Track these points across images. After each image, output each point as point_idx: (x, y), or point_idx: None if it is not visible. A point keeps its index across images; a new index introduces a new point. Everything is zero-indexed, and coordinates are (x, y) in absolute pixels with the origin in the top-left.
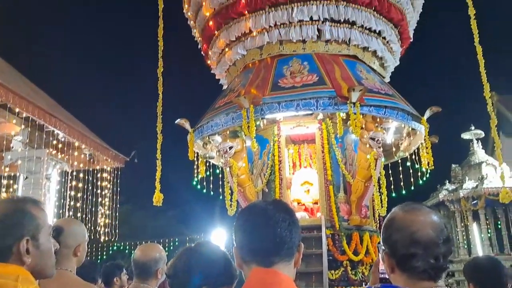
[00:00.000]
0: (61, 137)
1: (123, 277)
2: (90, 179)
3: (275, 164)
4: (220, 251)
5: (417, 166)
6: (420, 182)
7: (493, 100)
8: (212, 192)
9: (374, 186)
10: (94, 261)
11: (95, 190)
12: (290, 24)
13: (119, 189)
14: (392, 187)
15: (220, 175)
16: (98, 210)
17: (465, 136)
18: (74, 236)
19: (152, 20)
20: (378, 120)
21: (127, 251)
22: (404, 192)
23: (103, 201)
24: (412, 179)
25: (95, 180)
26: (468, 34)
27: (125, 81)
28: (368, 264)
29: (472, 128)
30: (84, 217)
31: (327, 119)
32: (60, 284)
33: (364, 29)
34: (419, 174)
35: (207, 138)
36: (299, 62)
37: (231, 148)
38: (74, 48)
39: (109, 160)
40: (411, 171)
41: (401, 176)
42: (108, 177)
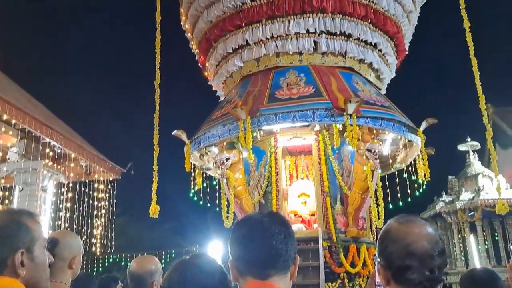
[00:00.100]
0: (57, 148)
1: None
2: (86, 190)
3: (272, 176)
4: (215, 263)
5: (413, 178)
6: (417, 193)
7: (488, 112)
8: (208, 204)
9: (371, 197)
10: (89, 273)
11: (91, 202)
12: (286, 36)
13: (115, 200)
14: (389, 198)
15: (217, 187)
16: (94, 222)
17: (461, 147)
18: (69, 248)
19: (150, 32)
20: (375, 131)
21: (123, 263)
22: (401, 203)
23: (99, 213)
24: (409, 191)
25: (91, 192)
26: (464, 46)
27: (122, 92)
28: (365, 277)
29: (468, 139)
30: (80, 229)
31: (324, 130)
32: None
33: (360, 41)
34: (415, 186)
35: (204, 150)
36: (295, 74)
37: (227, 159)
38: (71, 59)
39: (105, 171)
40: (407, 182)
41: (398, 187)
42: (105, 188)
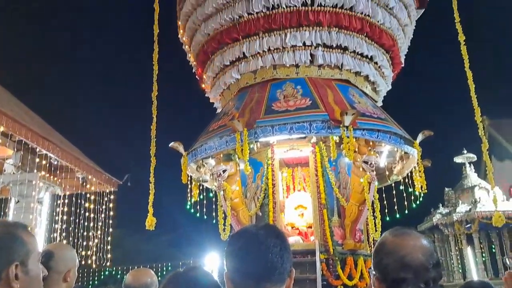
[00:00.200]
0: (53, 160)
1: None
2: (82, 202)
3: (269, 188)
4: (210, 276)
5: (410, 190)
6: (414, 205)
7: (484, 124)
8: (205, 216)
9: (368, 209)
10: (85, 286)
11: (87, 214)
12: (283, 49)
13: (111, 213)
14: (386, 210)
15: (214, 199)
16: (90, 234)
17: (457, 159)
18: (64, 261)
19: (147, 44)
20: (371, 143)
21: (119, 276)
22: (398, 215)
23: (96, 225)
24: (406, 203)
25: (87, 204)
26: (460, 58)
27: (119, 104)
28: None
29: (465, 152)
30: (76, 241)
31: (321, 142)
32: None
33: (356, 54)
34: (412, 198)
35: (201, 162)
36: (292, 86)
37: (224, 171)
38: (68, 71)
39: (102, 183)
40: (404, 194)
41: (395, 199)
42: (101, 200)
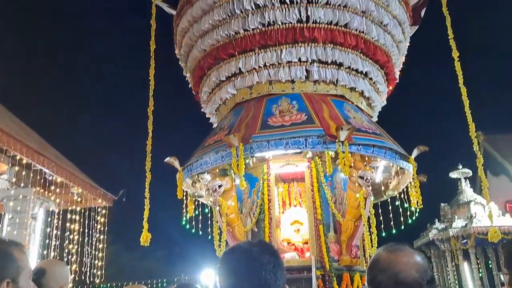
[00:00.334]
0: (48, 175)
1: None
2: (77, 218)
3: (265, 203)
4: None
5: (406, 205)
6: (410, 221)
7: (479, 139)
8: (200, 232)
9: (364, 225)
10: None
11: (81, 230)
12: (279, 64)
13: (106, 228)
14: (382, 226)
15: (209, 215)
16: (84, 250)
17: (453, 175)
18: (56, 278)
19: (143, 58)
20: (367, 159)
21: None
22: (394, 231)
23: (90, 241)
24: (402, 218)
25: (82, 220)
26: (454, 75)
27: (114, 119)
28: None
29: (460, 167)
30: (70, 257)
31: (316, 157)
32: None
33: (351, 70)
34: (408, 213)
35: (196, 177)
36: (288, 101)
37: (220, 186)
38: (64, 87)
39: (97, 199)
40: (400, 210)
41: (391, 215)
42: (96, 216)
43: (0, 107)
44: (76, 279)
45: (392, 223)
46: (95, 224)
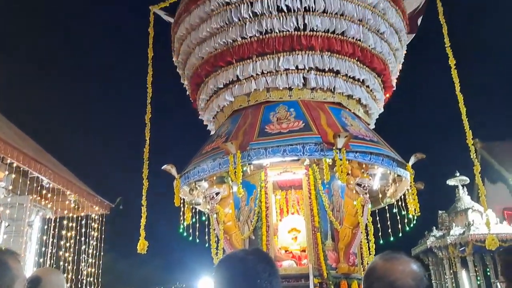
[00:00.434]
0: (45, 183)
1: None
2: (74, 226)
3: (262, 211)
4: None
5: (404, 213)
6: (407, 228)
7: (476, 147)
8: (198, 240)
9: (362, 233)
10: None
11: (78, 238)
12: (276, 72)
13: (103, 236)
14: (379, 234)
15: (206, 222)
16: (81, 258)
17: (450, 182)
18: (52, 286)
19: (141, 65)
20: (364, 166)
21: None
22: (392, 238)
23: (87, 249)
24: (399, 226)
25: (79, 227)
26: (451, 82)
27: (112, 126)
28: None
29: (457, 174)
30: (66, 265)
31: (314, 165)
32: None
33: (348, 77)
34: (406, 221)
35: (194, 184)
36: (285, 108)
37: (217, 194)
38: (60, 94)
39: (94, 206)
40: (398, 217)
41: (388, 222)
42: (93, 224)
43: None
44: (72, 287)
45: (390, 230)
46: (92, 232)
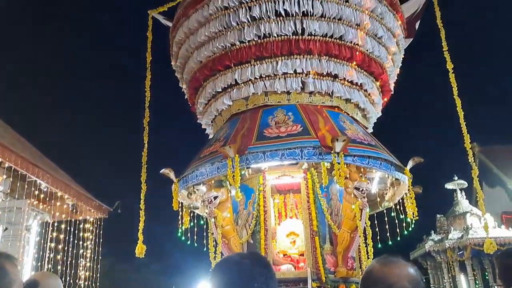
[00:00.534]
0: (43, 187)
1: None
2: (71, 230)
3: (261, 215)
4: None
5: (402, 217)
6: (406, 232)
7: (474, 151)
8: (196, 244)
9: (360, 236)
10: None
11: (76, 242)
12: (275, 76)
13: (101, 240)
14: (378, 237)
15: (205, 226)
16: (79, 262)
17: (448, 186)
18: None
19: (139, 70)
20: (362, 170)
21: None
22: (390, 242)
23: (85, 253)
24: (398, 230)
25: (76, 231)
26: (449, 86)
27: (110, 130)
28: None
29: (456, 178)
30: (64, 269)
31: (312, 168)
32: None
33: (346, 81)
34: (404, 225)
35: (192, 188)
36: (283, 112)
37: (216, 198)
38: (59, 98)
39: (92, 210)
40: (396, 221)
41: (387, 226)
42: (91, 228)
43: None
44: None
45: (388, 234)
46: (90, 236)
